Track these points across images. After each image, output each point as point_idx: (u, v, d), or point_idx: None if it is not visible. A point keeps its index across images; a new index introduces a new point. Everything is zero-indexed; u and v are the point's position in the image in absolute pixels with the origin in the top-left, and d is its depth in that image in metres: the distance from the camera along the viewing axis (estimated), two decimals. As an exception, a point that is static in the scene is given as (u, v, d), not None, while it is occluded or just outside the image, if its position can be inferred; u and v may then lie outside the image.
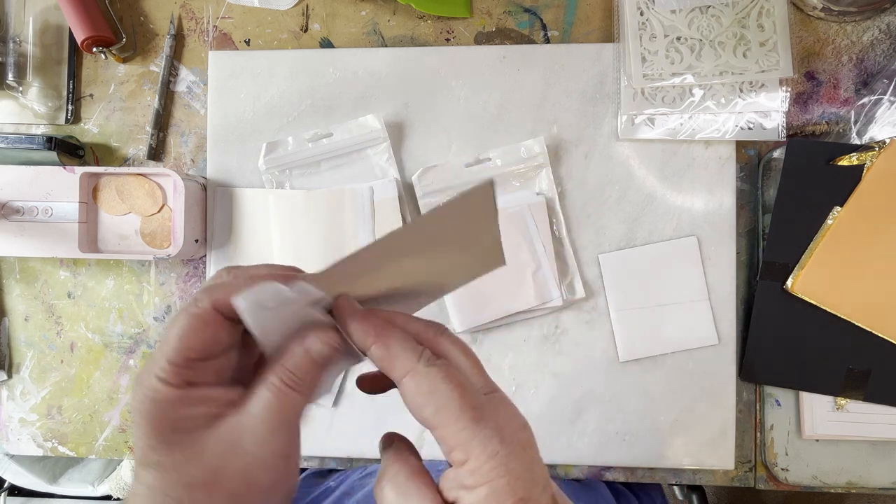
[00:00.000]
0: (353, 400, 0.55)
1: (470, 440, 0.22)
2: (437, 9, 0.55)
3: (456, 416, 0.23)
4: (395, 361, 0.24)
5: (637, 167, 0.54)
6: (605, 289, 0.54)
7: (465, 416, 0.23)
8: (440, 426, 0.23)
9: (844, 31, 0.54)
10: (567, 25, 0.56)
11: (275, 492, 0.24)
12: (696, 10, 0.52)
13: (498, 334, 0.55)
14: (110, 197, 0.56)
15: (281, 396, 0.23)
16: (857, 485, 0.52)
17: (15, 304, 0.59)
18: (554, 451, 0.53)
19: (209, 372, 0.24)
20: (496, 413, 0.24)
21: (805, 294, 0.51)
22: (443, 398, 0.23)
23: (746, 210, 0.55)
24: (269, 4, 0.57)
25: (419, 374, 0.23)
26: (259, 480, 0.23)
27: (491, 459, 0.22)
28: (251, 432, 0.23)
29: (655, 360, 0.53)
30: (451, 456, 0.23)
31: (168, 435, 0.22)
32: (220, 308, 0.23)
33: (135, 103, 0.59)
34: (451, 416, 0.23)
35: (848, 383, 0.51)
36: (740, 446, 0.54)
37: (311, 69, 0.56)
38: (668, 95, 0.53)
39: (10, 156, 0.55)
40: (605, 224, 0.54)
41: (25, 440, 0.59)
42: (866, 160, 0.50)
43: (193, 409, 0.23)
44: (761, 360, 0.52)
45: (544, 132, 0.54)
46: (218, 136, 0.57)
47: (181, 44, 0.58)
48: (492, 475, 0.22)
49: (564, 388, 0.54)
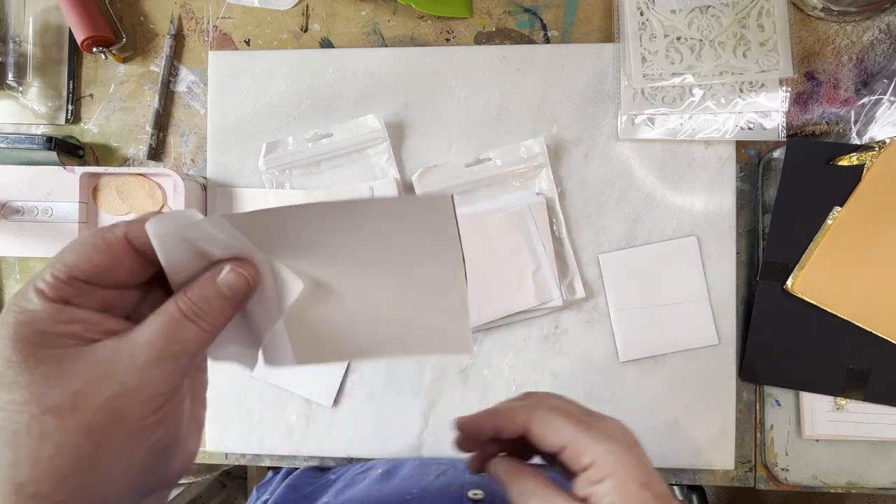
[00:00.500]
0: (352, 400, 0.55)
1: (588, 446, 0.28)
2: (437, 9, 0.55)
3: (571, 432, 0.29)
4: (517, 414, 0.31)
5: (637, 167, 0.54)
6: (605, 289, 0.54)
7: (578, 428, 0.29)
8: (565, 445, 0.29)
9: (844, 31, 0.54)
10: (567, 25, 0.56)
11: (145, 436, 0.21)
12: (696, 10, 0.52)
13: (498, 334, 0.55)
14: (110, 197, 0.56)
15: (173, 324, 0.21)
16: (857, 485, 0.52)
17: (15, 304, 0.59)
18: (554, 451, 0.53)
19: (94, 299, 0.21)
20: (601, 423, 0.30)
21: (805, 294, 0.51)
22: (560, 422, 0.29)
23: (746, 210, 0.55)
24: (269, 4, 0.57)
25: (536, 416, 0.30)
26: (125, 415, 0.20)
27: (608, 455, 0.27)
28: (129, 359, 0.20)
29: (655, 360, 0.53)
30: (580, 464, 0.28)
31: (31, 350, 0.19)
32: (132, 239, 0.22)
33: (135, 103, 0.59)
34: (568, 434, 0.29)
35: (848, 383, 0.51)
36: (740, 446, 0.54)
37: (311, 69, 0.56)
38: (668, 95, 0.53)
39: (10, 156, 0.55)
40: (605, 224, 0.54)
41: (25, 440, 0.59)
42: (866, 160, 0.50)
43: (66, 327, 0.20)
44: (761, 360, 0.53)
45: (544, 132, 0.54)
46: (218, 136, 0.57)
47: (181, 44, 0.58)
48: (613, 467, 0.27)
49: (564, 388, 0.54)
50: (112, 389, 0.20)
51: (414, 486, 0.43)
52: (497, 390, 0.54)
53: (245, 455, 0.57)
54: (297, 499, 0.47)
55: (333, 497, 0.45)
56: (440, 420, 0.54)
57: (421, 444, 0.55)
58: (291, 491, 0.49)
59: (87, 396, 0.19)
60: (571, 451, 0.29)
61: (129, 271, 0.22)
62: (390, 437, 0.55)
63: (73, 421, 0.19)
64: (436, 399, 0.55)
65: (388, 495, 0.42)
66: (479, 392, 0.54)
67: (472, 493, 0.40)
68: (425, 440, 0.55)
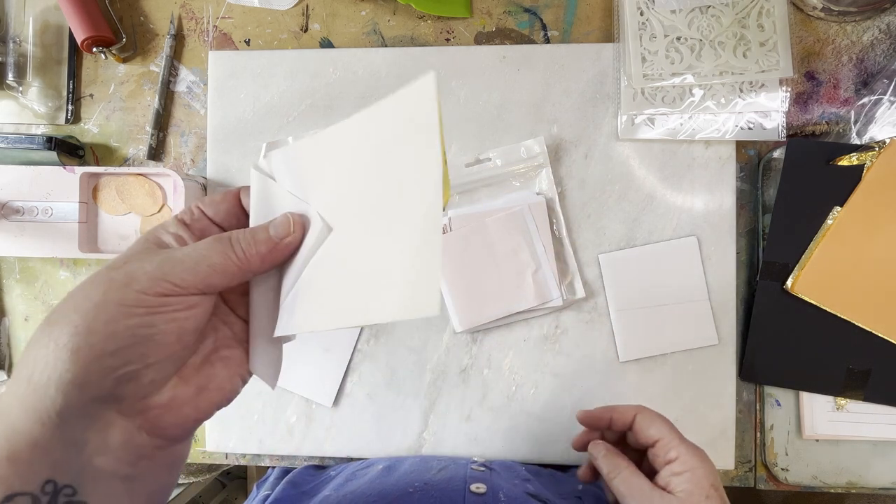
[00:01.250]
0: (352, 400, 0.55)
1: (677, 445, 0.37)
2: (437, 9, 0.55)
3: (667, 431, 0.38)
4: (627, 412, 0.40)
5: (637, 167, 0.54)
6: (605, 289, 0.54)
7: (672, 431, 0.38)
8: (659, 439, 0.38)
9: (844, 31, 0.54)
10: (567, 25, 0.56)
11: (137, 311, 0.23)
12: (696, 10, 0.52)
13: (498, 334, 0.55)
14: (110, 197, 0.56)
15: (215, 242, 0.25)
16: (857, 485, 0.52)
17: (15, 304, 0.59)
18: (554, 451, 0.53)
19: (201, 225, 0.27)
20: (687, 438, 0.38)
21: (805, 294, 0.51)
22: (660, 422, 0.39)
23: (746, 210, 0.55)
24: (269, 4, 0.57)
25: (645, 412, 0.40)
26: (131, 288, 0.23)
27: (690, 455, 0.36)
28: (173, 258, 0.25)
29: (655, 360, 0.53)
30: (667, 457, 0.37)
31: (145, 244, 0.26)
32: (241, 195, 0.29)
33: (135, 103, 0.59)
34: (664, 431, 0.38)
35: (848, 383, 0.51)
36: (740, 446, 0.54)
37: (311, 69, 0.56)
38: (668, 95, 0.53)
39: (10, 156, 0.55)
40: (605, 224, 0.54)
41: (25, 440, 0.59)
42: (866, 160, 0.50)
43: (167, 237, 0.26)
44: (761, 360, 0.53)
45: (544, 132, 0.54)
46: (218, 136, 0.57)
47: (181, 44, 0.58)
48: (693, 465, 0.36)
49: (564, 388, 0.54)
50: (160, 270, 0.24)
51: (416, 479, 0.44)
52: (497, 390, 0.54)
53: (245, 455, 0.57)
54: (298, 495, 0.47)
55: (334, 490, 0.45)
56: (440, 420, 0.54)
57: (421, 444, 0.55)
58: (292, 487, 0.49)
59: (137, 271, 0.24)
60: (663, 445, 0.37)
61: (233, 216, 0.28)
62: (390, 437, 0.55)
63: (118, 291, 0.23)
64: (436, 399, 0.55)
65: (391, 488, 0.43)
66: (480, 392, 0.54)
67: (475, 487, 0.41)
68: (425, 440, 0.55)
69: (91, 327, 0.22)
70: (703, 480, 0.35)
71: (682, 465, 0.36)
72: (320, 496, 0.44)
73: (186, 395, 0.25)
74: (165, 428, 0.25)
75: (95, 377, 0.22)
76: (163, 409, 0.25)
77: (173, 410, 0.25)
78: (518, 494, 0.41)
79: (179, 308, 0.24)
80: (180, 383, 0.25)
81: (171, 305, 0.24)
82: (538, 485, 0.46)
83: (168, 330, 0.23)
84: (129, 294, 0.23)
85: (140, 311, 0.23)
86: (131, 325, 0.23)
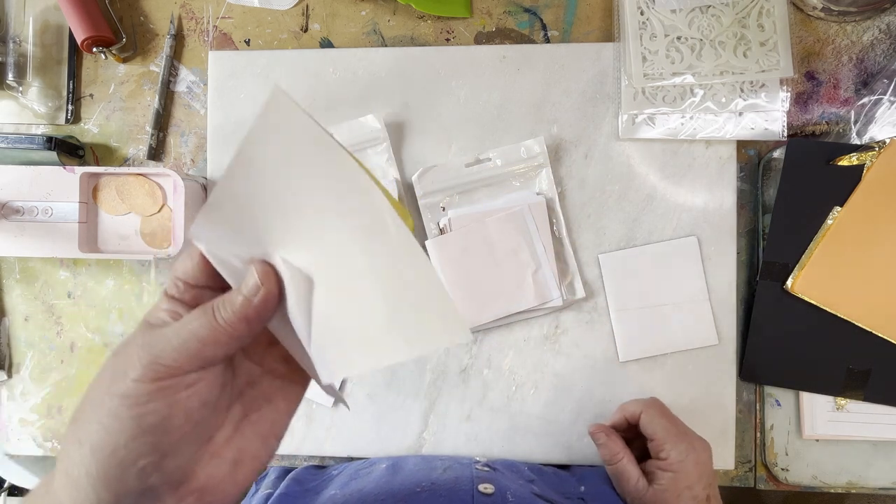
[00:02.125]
0: (352, 400, 0.55)
1: (669, 448, 0.43)
2: (437, 9, 0.55)
3: (664, 431, 0.44)
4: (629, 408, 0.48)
5: (637, 167, 0.54)
6: (605, 289, 0.54)
7: (669, 431, 0.44)
8: (657, 438, 0.44)
9: (844, 31, 0.54)
10: (567, 25, 0.56)
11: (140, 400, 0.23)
12: (696, 10, 0.52)
13: (498, 334, 0.55)
14: (110, 197, 0.56)
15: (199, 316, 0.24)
16: (857, 485, 0.52)
17: (15, 304, 0.59)
18: (554, 450, 0.53)
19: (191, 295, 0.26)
20: (691, 438, 0.44)
21: (805, 294, 0.51)
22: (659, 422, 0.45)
23: (746, 210, 0.55)
24: (269, 4, 0.57)
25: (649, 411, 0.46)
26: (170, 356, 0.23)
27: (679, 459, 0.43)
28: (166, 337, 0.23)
29: (655, 360, 0.53)
30: (661, 455, 0.44)
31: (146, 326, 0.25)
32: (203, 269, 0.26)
33: (135, 103, 0.59)
34: (661, 432, 0.44)
35: (848, 383, 0.51)
36: (740, 446, 0.54)
37: (311, 69, 0.56)
38: (669, 95, 0.53)
39: (10, 156, 0.55)
40: (605, 224, 0.54)
41: (25, 440, 0.59)
42: (866, 160, 0.50)
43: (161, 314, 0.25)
44: (761, 360, 0.53)
45: (544, 132, 0.54)
46: (218, 136, 0.57)
47: (181, 44, 0.58)
48: (678, 468, 0.43)
49: (564, 388, 0.54)
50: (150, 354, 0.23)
51: (423, 479, 0.43)
52: (497, 390, 0.54)
53: (245, 455, 0.57)
54: (303, 492, 0.47)
55: (339, 489, 0.45)
56: (440, 420, 0.54)
57: (421, 444, 0.55)
58: (296, 484, 0.49)
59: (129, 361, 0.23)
60: (657, 443, 0.44)
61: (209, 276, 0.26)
62: (390, 437, 0.55)
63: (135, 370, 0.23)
64: (436, 399, 0.55)
65: (399, 487, 0.43)
66: (480, 392, 0.54)
67: (483, 488, 0.40)
68: (425, 440, 0.55)
69: (102, 423, 0.22)
70: (680, 481, 0.42)
71: (669, 466, 0.43)
72: (326, 495, 0.44)
73: (223, 473, 0.25)
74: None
75: (116, 472, 0.22)
76: (201, 492, 0.24)
77: (211, 491, 0.24)
78: (525, 494, 0.41)
79: (179, 389, 0.23)
80: (214, 461, 0.25)
81: (171, 388, 0.23)
82: (542, 485, 0.46)
83: (174, 413, 0.23)
84: (126, 385, 0.22)
85: (141, 400, 0.22)
86: (134, 415, 0.22)
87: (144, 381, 0.22)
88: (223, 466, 0.25)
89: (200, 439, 0.24)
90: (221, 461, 0.25)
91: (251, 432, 0.26)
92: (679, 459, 0.43)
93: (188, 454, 0.24)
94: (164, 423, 0.22)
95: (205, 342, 0.23)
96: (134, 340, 0.24)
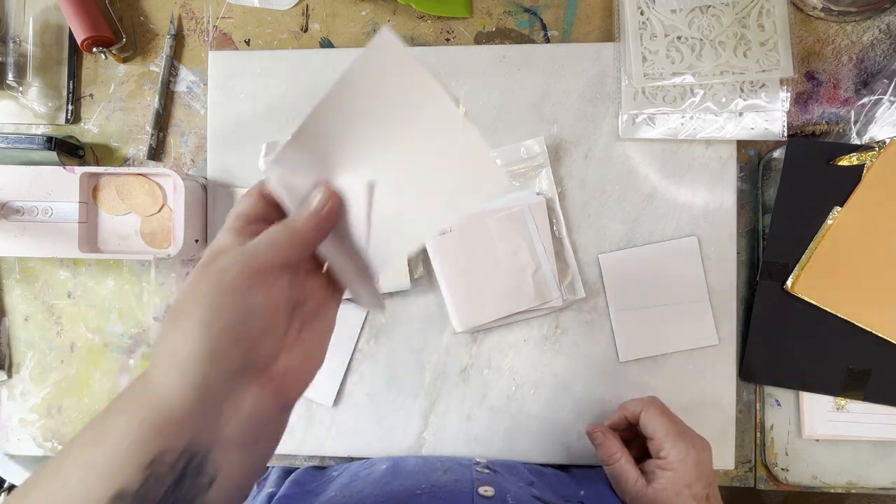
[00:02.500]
0: (353, 400, 0.55)
1: (672, 446, 0.43)
2: (437, 9, 0.55)
3: (664, 431, 0.44)
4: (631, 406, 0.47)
5: (637, 167, 0.54)
6: (605, 289, 0.54)
7: (669, 430, 0.44)
8: (657, 437, 0.44)
9: (844, 31, 0.54)
10: (567, 25, 0.56)
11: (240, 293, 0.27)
12: (696, 10, 0.52)
13: (498, 334, 0.55)
14: (110, 197, 0.56)
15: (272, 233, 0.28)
16: (857, 485, 0.52)
17: (15, 304, 0.59)
18: (554, 450, 0.53)
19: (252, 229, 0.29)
20: (691, 437, 0.44)
21: (805, 294, 0.51)
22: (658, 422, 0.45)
23: (746, 210, 0.55)
24: (269, 4, 0.57)
25: (649, 410, 0.46)
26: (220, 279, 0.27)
27: (677, 459, 0.43)
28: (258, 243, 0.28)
29: (655, 360, 0.53)
30: (660, 454, 0.44)
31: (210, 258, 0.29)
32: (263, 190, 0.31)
33: (135, 103, 0.59)
34: (661, 431, 0.44)
35: (848, 383, 0.51)
36: (740, 446, 0.54)
37: (311, 69, 0.56)
38: (669, 95, 0.53)
39: (10, 156, 0.55)
40: (605, 224, 0.54)
41: (25, 440, 0.59)
42: (866, 160, 0.50)
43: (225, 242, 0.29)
44: (761, 360, 0.53)
45: (544, 132, 0.54)
46: (218, 136, 0.57)
47: (181, 44, 0.58)
48: (675, 466, 0.43)
49: (564, 388, 0.54)
50: (245, 255, 0.27)
51: (423, 481, 0.43)
52: (497, 390, 0.54)
53: (245, 455, 0.57)
54: (303, 494, 0.47)
55: (339, 491, 0.45)
56: (440, 420, 0.54)
57: (421, 444, 0.55)
58: (297, 486, 0.49)
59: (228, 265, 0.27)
60: (657, 443, 0.44)
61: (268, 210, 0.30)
62: (390, 437, 0.55)
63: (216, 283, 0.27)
64: (436, 399, 0.55)
65: (399, 489, 0.43)
66: (480, 392, 0.54)
67: (483, 490, 0.40)
68: (425, 440, 0.55)
69: (214, 306, 0.26)
70: (679, 480, 0.42)
71: (667, 464, 0.43)
72: (326, 497, 0.44)
73: (297, 364, 0.29)
74: (289, 392, 0.28)
75: (227, 346, 0.26)
76: (283, 377, 0.28)
77: (290, 378, 0.28)
78: (525, 497, 0.41)
79: (271, 282, 0.27)
80: (289, 353, 0.29)
81: (265, 281, 0.27)
82: (542, 487, 0.46)
83: (267, 303, 0.27)
84: (232, 276, 0.26)
85: (243, 287, 0.26)
86: (239, 301, 0.26)
87: (246, 272, 0.27)
88: (297, 358, 0.29)
89: (282, 330, 0.28)
90: (294, 354, 0.29)
91: (309, 335, 0.30)
92: (679, 458, 0.43)
93: (273, 342, 0.28)
94: (260, 309, 0.27)
95: (286, 245, 0.28)
96: (220, 256, 0.27)
